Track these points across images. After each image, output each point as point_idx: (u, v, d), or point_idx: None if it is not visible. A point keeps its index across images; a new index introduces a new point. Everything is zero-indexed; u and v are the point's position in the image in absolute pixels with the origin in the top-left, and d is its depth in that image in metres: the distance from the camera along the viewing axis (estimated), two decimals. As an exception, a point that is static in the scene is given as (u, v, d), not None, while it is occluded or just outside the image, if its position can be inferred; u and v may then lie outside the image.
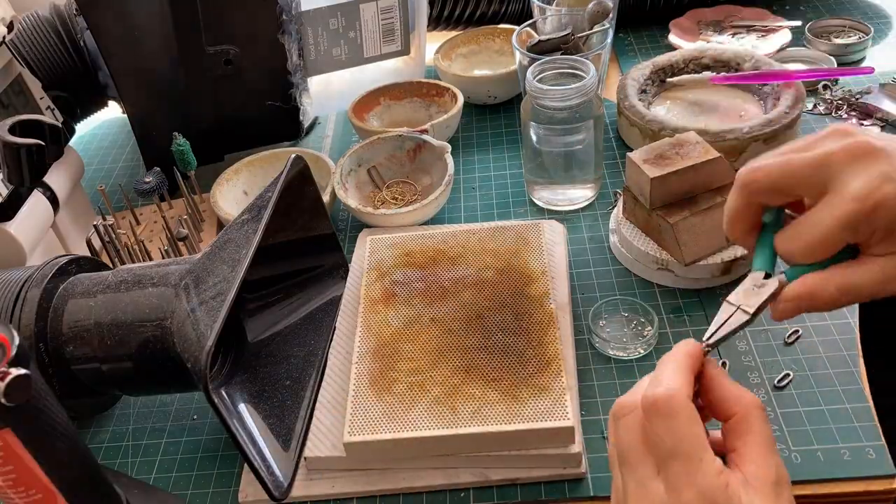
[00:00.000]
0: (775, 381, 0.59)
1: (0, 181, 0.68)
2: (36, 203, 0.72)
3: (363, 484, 0.56)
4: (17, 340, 0.44)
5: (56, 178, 0.75)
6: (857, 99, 0.85)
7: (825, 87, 0.87)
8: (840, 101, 0.85)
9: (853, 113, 0.84)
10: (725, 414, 0.41)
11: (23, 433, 0.45)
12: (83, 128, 1.04)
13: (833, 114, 0.85)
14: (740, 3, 1.03)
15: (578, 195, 0.78)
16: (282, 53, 0.83)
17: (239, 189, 0.84)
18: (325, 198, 0.74)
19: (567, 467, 0.55)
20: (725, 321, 0.43)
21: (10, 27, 0.75)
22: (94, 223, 0.72)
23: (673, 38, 0.99)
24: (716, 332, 0.43)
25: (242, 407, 0.57)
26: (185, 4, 0.78)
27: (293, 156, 0.63)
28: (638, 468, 0.40)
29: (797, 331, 0.62)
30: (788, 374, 0.59)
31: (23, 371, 0.42)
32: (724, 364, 0.61)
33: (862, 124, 0.82)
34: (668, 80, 0.89)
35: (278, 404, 0.58)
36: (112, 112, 1.01)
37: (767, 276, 0.43)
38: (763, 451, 0.39)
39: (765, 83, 0.84)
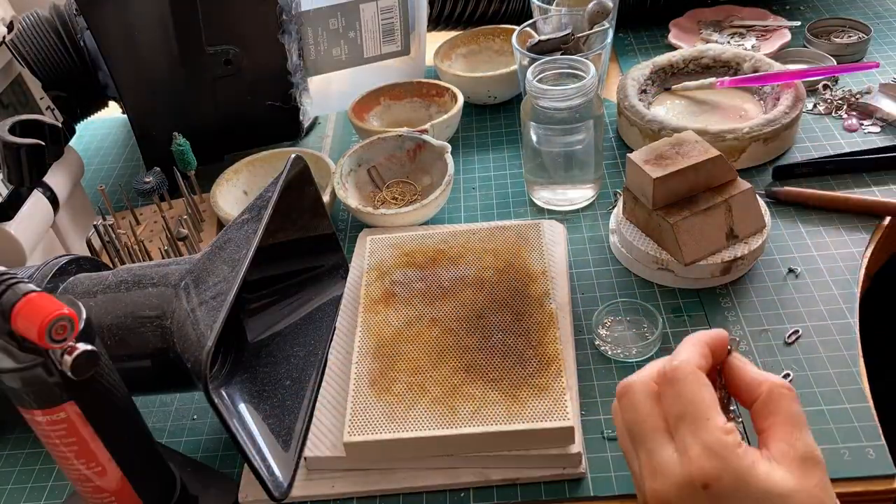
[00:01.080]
0: (775, 381, 0.59)
1: (0, 181, 0.68)
2: (36, 203, 0.72)
3: (363, 484, 0.56)
4: (84, 315, 0.45)
5: (56, 178, 0.75)
6: (856, 99, 0.85)
7: (825, 86, 0.87)
8: (840, 101, 0.85)
9: (853, 113, 0.84)
10: (751, 398, 0.41)
11: (86, 407, 0.46)
12: (83, 128, 1.04)
13: (833, 113, 0.85)
14: (740, 3, 1.03)
15: (578, 195, 0.78)
16: (282, 53, 0.83)
17: (239, 189, 0.84)
18: (325, 198, 0.74)
19: (567, 467, 0.55)
20: None
21: (10, 27, 0.75)
22: (94, 223, 0.72)
23: (673, 38, 0.99)
24: None
25: (242, 407, 0.57)
26: (185, 4, 0.78)
27: (293, 156, 0.62)
28: (647, 438, 0.40)
29: (797, 331, 0.62)
30: (788, 374, 0.59)
31: (89, 347, 0.44)
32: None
33: (862, 124, 0.82)
34: (673, 87, 0.88)
35: (278, 404, 0.58)
36: (112, 112, 1.01)
37: None
38: (788, 429, 0.39)
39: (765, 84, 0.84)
